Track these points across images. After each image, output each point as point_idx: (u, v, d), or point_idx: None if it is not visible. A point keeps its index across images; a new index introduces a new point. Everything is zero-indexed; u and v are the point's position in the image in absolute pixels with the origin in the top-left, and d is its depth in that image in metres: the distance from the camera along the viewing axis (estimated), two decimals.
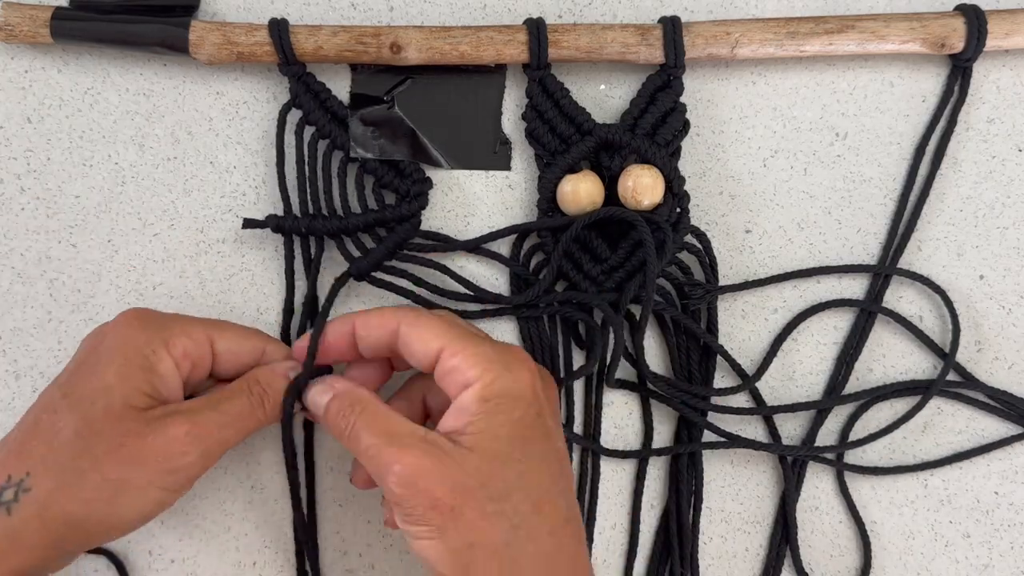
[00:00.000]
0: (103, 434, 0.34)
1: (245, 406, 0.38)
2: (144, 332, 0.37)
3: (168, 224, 0.46)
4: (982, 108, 0.47)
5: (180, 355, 0.37)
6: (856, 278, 0.47)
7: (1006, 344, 0.46)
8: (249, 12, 0.47)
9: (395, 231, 0.44)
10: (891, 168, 0.47)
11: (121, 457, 0.34)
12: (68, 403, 0.35)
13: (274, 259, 0.46)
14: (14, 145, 0.46)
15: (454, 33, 0.44)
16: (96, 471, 0.34)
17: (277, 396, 0.39)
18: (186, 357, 0.37)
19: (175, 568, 0.45)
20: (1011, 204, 0.47)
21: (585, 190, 0.43)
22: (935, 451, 0.46)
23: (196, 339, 0.38)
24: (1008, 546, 0.46)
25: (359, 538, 0.45)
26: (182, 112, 0.46)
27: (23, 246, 0.46)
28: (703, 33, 0.44)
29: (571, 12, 0.47)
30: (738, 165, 0.47)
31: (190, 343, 0.38)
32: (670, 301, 0.45)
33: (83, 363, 0.37)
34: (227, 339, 0.39)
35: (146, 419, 0.35)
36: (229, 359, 0.39)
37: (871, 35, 0.44)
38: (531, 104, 0.45)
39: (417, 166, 0.45)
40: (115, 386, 0.35)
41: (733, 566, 0.46)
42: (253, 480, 0.45)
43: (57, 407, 0.35)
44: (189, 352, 0.38)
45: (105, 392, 0.35)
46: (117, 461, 0.34)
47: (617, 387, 0.45)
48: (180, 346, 0.37)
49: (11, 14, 0.44)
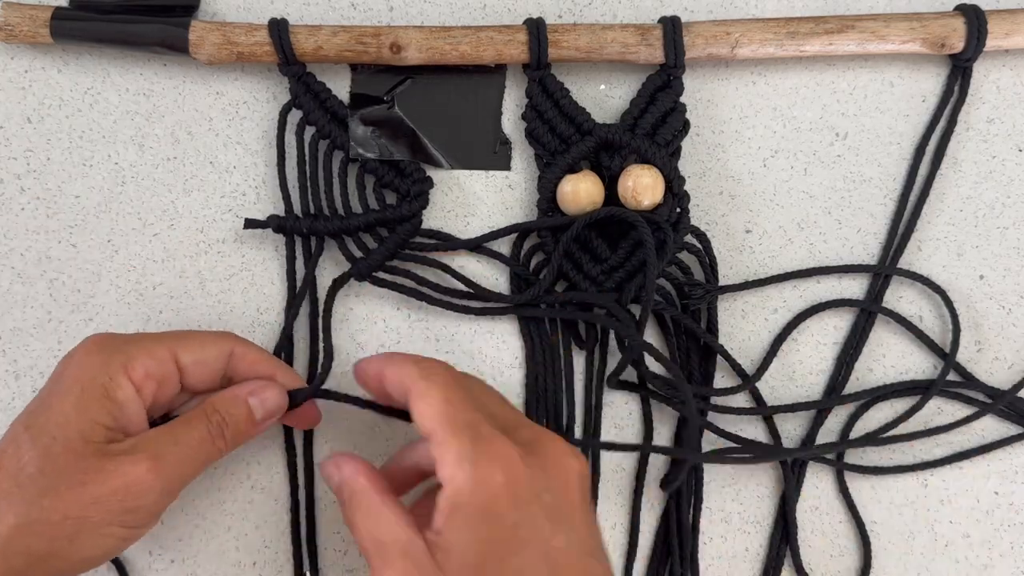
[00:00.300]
0: (64, 471, 0.34)
1: (205, 436, 0.37)
2: (101, 359, 0.36)
3: (168, 224, 0.46)
4: (982, 108, 0.47)
5: (141, 377, 0.37)
6: (856, 278, 0.47)
7: (1006, 344, 0.46)
8: (249, 12, 0.47)
9: (396, 231, 0.44)
10: (891, 168, 0.47)
11: (82, 496, 0.34)
12: (30, 436, 0.35)
13: (274, 259, 0.46)
14: (14, 145, 0.46)
15: (454, 33, 0.44)
16: (58, 509, 0.34)
17: (237, 424, 0.38)
18: (149, 378, 0.37)
19: (175, 568, 0.44)
20: (1011, 204, 0.47)
21: (585, 190, 0.43)
22: (935, 451, 0.46)
23: (158, 357, 0.37)
24: (1008, 546, 0.46)
25: None
26: (182, 112, 0.46)
27: (23, 246, 0.46)
28: (703, 33, 0.44)
29: (571, 12, 0.47)
30: (738, 165, 0.47)
31: (152, 363, 0.37)
32: (670, 301, 0.45)
33: (46, 394, 0.37)
34: (192, 350, 0.38)
35: (106, 455, 0.35)
36: (198, 370, 0.39)
37: (871, 35, 0.44)
38: (531, 104, 0.45)
39: (417, 166, 0.45)
40: (73, 420, 0.35)
41: (733, 566, 0.46)
42: (253, 480, 0.45)
43: (20, 440, 0.35)
44: (152, 372, 0.37)
45: (64, 426, 0.35)
46: (78, 500, 0.34)
47: (617, 388, 0.45)
48: (141, 368, 0.37)
49: (11, 14, 0.44)
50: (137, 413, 0.37)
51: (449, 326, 0.46)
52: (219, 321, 0.45)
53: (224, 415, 0.38)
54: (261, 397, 0.39)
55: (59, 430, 0.35)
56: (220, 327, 0.45)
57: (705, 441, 0.45)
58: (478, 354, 0.46)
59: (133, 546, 0.44)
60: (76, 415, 0.35)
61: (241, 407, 0.38)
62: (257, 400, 0.39)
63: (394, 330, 0.46)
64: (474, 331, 0.46)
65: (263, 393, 0.39)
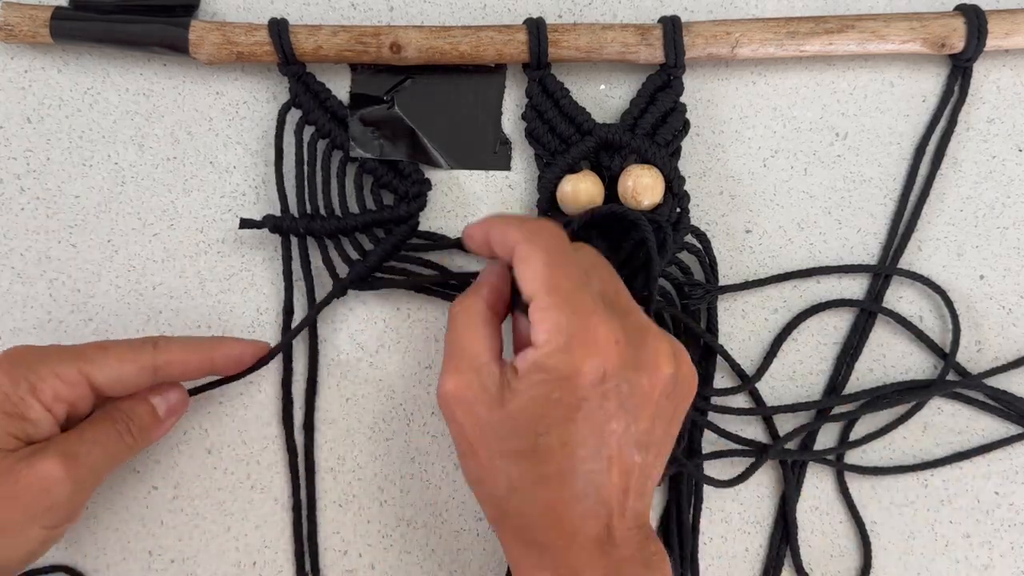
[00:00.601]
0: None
1: (111, 433, 0.38)
2: (9, 379, 0.36)
3: (168, 224, 0.46)
4: (982, 108, 0.47)
5: (50, 399, 0.36)
6: (856, 278, 0.47)
7: (1006, 344, 0.46)
8: (249, 12, 0.47)
9: (393, 233, 0.44)
10: (891, 168, 0.47)
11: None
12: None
13: (274, 259, 0.46)
14: (14, 145, 0.46)
15: (454, 33, 0.44)
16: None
17: (141, 420, 0.39)
18: (58, 400, 0.37)
19: (175, 568, 0.44)
20: (1011, 204, 0.47)
21: (585, 190, 0.43)
22: (935, 451, 0.46)
23: (68, 380, 0.37)
24: (1008, 546, 0.46)
25: (359, 538, 0.45)
26: (182, 112, 0.46)
27: (23, 246, 0.46)
28: (703, 33, 0.44)
29: (571, 12, 0.47)
30: (738, 165, 0.47)
31: (60, 385, 0.36)
32: (670, 301, 0.45)
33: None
34: (106, 369, 0.38)
35: (16, 458, 0.35)
36: (116, 387, 0.38)
37: (871, 35, 0.44)
38: (531, 104, 0.45)
39: (416, 167, 0.45)
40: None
41: (733, 566, 0.46)
42: (253, 480, 0.45)
43: None
44: (61, 395, 0.36)
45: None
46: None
47: None
48: (49, 391, 0.36)
49: (11, 14, 0.44)
50: (50, 428, 0.37)
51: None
52: (219, 321, 0.45)
53: (128, 413, 0.39)
54: (164, 395, 0.40)
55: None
56: (220, 327, 0.45)
57: (705, 441, 0.45)
58: None
59: (133, 545, 0.44)
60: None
61: (143, 405, 0.40)
62: (160, 398, 0.40)
63: (394, 330, 0.46)
64: None
65: (166, 392, 0.41)
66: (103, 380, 0.38)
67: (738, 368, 0.45)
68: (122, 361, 0.38)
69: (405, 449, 0.45)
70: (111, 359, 0.38)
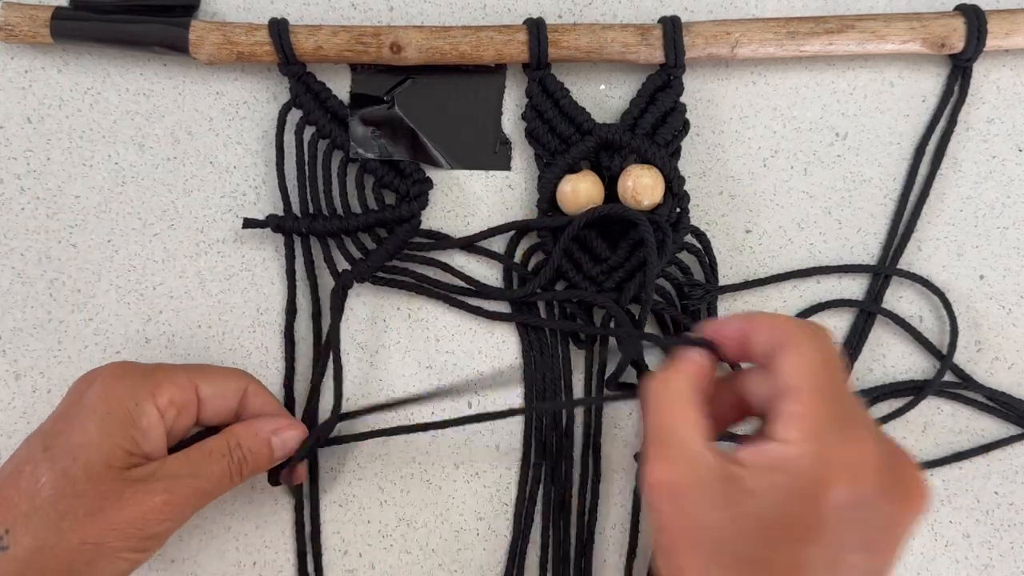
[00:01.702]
0: (83, 495, 0.34)
1: (224, 472, 0.38)
2: (128, 383, 0.37)
3: (168, 224, 0.46)
4: (982, 108, 0.47)
5: (166, 404, 0.37)
6: (856, 278, 0.47)
7: (1006, 344, 0.46)
8: (249, 12, 0.47)
9: (395, 232, 0.44)
10: (891, 168, 0.47)
11: (100, 522, 0.34)
12: (49, 457, 0.35)
13: (274, 259, 0.46)
14: (14, 145, 0.46)
15: (454, 33, 0.44)
16: (75, 533, 0.34)
17: (257, 461, 0.39)
18: (172, 404, 0.37)
19: (175, 568, 0.44)
20: (1011, 204, 0.47)
21: (585, 190, 0.43)
22: (935, 451, 0.46)
23: (181, 386, 0.38)
24: (1008, 546, 0.46)
25: (359, 538, 0.45)
26: (182, 112, 0.46)
27: (23, 246, 0.46)
28: (703, 33, 0.44)
29: (571, 12, 0.47)
30: (738, 165, 0.47)
31: (176, 390, 0.37)
32: (670, 301, 0.45)
33: (65, 415, 0.37)
34: (211, 383, 0.39)
35: (125, 481, 0.35)
36: (216, 403, 0.39)
37: (871, 35, 0.44)
38: (531, 104, 0.45)
39: (417, 166, 0.45)
40: (96, 443, 0.35)
41: None
42: (253, 480, 0.45)
43: (38, 460, 0.35)
44: (175, 399, 0.37)
45: (86, 449, 0.35)
46: (96, 525, 0.34)
47: (617, 390, 0.45)
48: (166, 394, 0.37)
49: (11, 14, 0.44)
50: (158, 440, 0.37)
51: (449, 326, 0.46)
52: (220, 321, 0.45)
53: (246, 452, 0.38)
54: (283, 437, 0.40)
55: (80, 452, 0.35)
56: (220, 327, 0.45)
57: None
58: (478, 354, 0.46)
59: None
60: (99, 438, 0.35)
61: (263, 445, 0.39)
62: (279, 440, 0.40)
63: (394, 330, 0.46)
64: (474, 331, 0.46)
65: (286, 432, 0.40)
66: (207, 392, 0.39)
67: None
68: (221, 378, 0.39)
69: (405, 449, 0.45)
70: (214, 374, 0.39)
